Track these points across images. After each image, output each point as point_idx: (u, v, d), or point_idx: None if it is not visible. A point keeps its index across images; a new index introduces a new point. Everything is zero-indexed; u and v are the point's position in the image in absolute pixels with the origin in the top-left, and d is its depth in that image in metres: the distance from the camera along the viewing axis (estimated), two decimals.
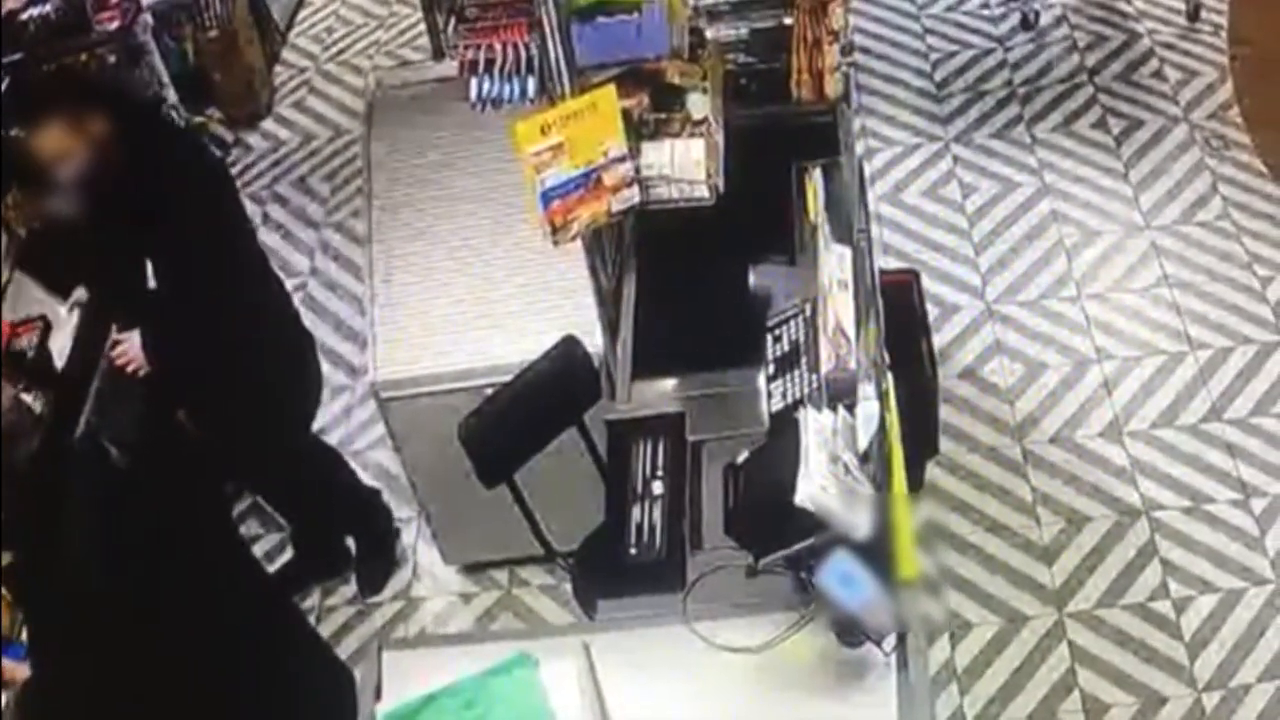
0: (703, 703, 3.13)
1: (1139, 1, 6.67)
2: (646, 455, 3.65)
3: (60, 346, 4.55)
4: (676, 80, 3.98)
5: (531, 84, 3.84)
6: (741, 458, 3.30)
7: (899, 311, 4.32)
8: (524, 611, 4.80)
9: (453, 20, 3.92)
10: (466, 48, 3.86)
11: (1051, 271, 5.59)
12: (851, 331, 3.26)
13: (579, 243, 4.03)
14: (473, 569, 4.93)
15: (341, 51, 7.15)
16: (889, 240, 5.76)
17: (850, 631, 3.07)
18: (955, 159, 6.09)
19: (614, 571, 3.46)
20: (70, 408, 4.30)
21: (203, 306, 4.04)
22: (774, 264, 3.76)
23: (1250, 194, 5.75)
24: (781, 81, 4.40)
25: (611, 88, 3.72)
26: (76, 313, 4.61)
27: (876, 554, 2.96)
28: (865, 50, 6.57)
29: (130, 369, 4.23)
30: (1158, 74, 6.32)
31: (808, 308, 3.45)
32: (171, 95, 6.07)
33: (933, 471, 4.90)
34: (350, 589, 4.94)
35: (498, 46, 3.84)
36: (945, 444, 4.96)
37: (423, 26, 6.54)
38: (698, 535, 3.47)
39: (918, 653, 3.12)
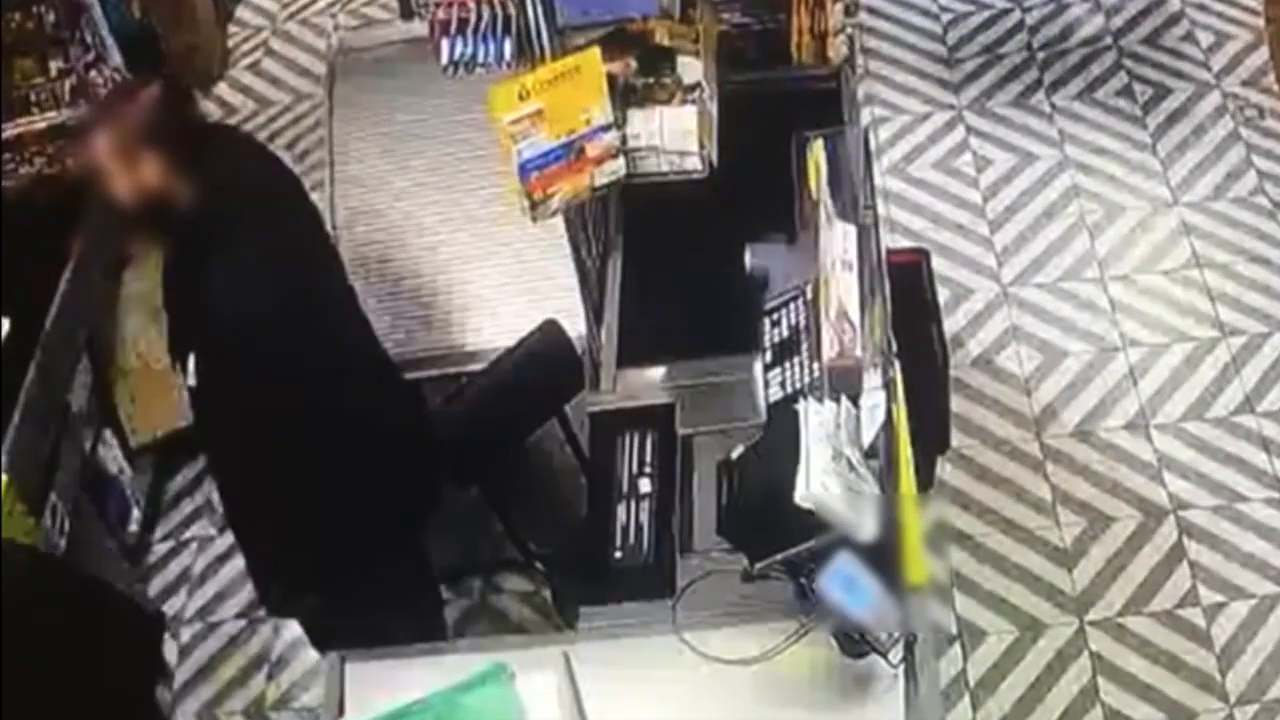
0: (693, 718, 3.13)
1: None
2: (633, 450, 3.65)
3: None
4: (666, 42, 3.97)
5: (508, 45, 3.83)
6: (736, 453, 3.30)
7: (907, 294, 4.33)
8: (499, 620, 4.80)
9: None
10: (437, 5, 3.85)
11: (1072, 251, 5.60)
12: (856, 316, 3.26)
13: (559, 219, 4.03)
14: (443, 574, 4.92)
15: (301, 10, 7.13)
16: (896, 217, 5.77)
17: (854, 641, 3.07)
18: (969, 129, 6.09)
19: (597, 576, 3.46)
20: None
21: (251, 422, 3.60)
22: (772, 243, 3.76)
23: None
24: (781, 44, 4.40)
25: (595, 50, 3.71)
26: None
27: (882, 557, 2.96)
28: (872, 10, 6.56)
29: None
30: (1188, 37, 6.33)
31: (808, 290, 3.45)
32: (116, 58, 6.04)
33: (943, 468, 4.91)
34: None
35: (471, 4, 3.82)
36: (957, 438, 4.97)
37: None
38: (688, 537, 3.47)
39: (927, 664, 3.13)
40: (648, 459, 3.63)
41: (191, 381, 3.62)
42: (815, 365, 3.31)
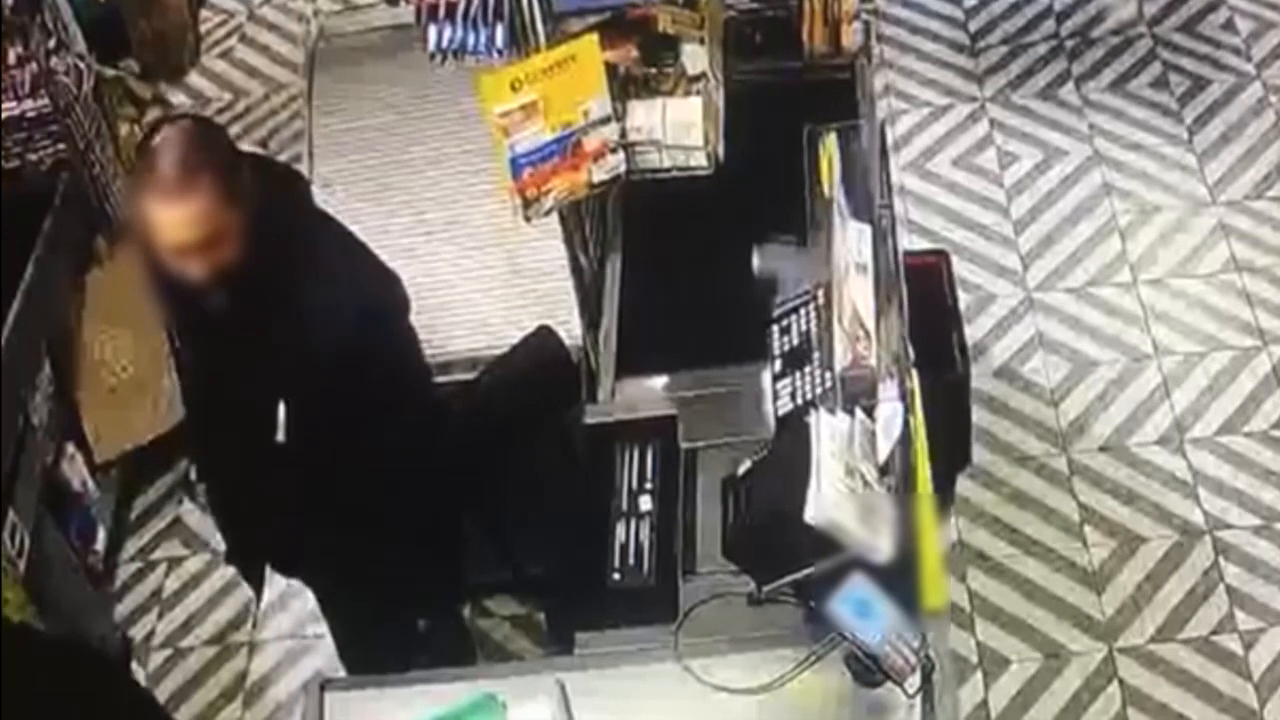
0: None
1: None
2: (632, 465, 3.66)
3: None
4: (669, 29, 3.98)
5: (500, 31, 3.84)
6: (743, 468, 3.31)
7: (926, 299, 4.34)
8: (489, 646, 4.81)
9: None
10: None
11: (1102, 254, 5.60)
12: (870, 322, 3.27)
13: (555, 218, 4.04)
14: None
15: None
16: (914, 217, 5.78)
17: (868, 669, 3.08)
18: (992, 122, 6.10)
19: (594, 599, 3.46)
20: None
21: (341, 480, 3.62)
22: (782, 244, 3.77)
23: None
24: (792, 31, 4.41)
25: (593, 37, 3.73)
26: None
27: (898, 580, 2.97)
28: None
29: None
30: (1228, 25, 6.33)
31: (820, 295, 3.46)
32: (80, 45, 6.06)
33: (964, 484, 4.91)
34: (287, 620, 4.93)
35: None
36: (978, 453, 4.97)
37: None
38: (691, 558, 3.48)
39: (946, 693, 3.13)
40: (648, 474, 3.63)
41: (281, 436, 3.54)
42: (827, 375, 3.31)
